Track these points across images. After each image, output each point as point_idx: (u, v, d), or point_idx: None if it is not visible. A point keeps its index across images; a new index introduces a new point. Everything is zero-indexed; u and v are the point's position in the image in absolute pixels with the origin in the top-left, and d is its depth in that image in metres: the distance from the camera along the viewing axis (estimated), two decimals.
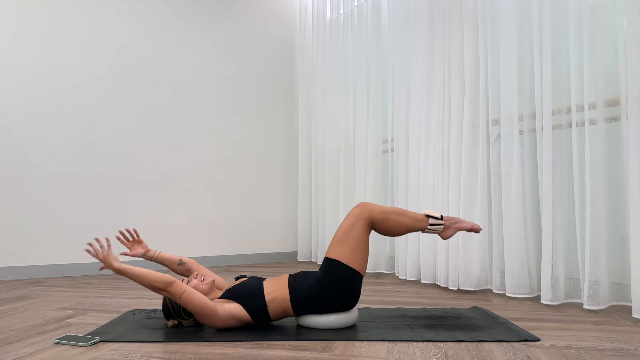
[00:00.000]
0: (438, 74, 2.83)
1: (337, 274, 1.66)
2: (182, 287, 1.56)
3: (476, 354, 1.40)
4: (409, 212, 1.76)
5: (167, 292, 1.54)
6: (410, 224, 1.75)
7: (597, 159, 2.07)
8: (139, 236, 1.87)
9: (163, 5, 3.67)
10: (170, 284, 1.53)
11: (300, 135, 4.25)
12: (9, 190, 2.99)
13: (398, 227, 1.74)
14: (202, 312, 1.57)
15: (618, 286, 2.12)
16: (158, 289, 1.53)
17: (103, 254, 1.57)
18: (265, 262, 4.08)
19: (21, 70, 3.06)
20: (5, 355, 1.37)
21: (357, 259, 1.67)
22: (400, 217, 1.74)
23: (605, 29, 2.15)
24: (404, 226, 1.74)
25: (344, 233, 1.69)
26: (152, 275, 1.53)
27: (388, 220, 1.73)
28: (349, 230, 1.69)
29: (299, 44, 4.43)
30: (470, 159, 2.61)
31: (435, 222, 1.77)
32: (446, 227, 1.81)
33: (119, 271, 1.55)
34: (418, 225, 1.76)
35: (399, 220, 1.74)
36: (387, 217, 1.73)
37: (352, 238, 1.68)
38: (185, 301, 1.55)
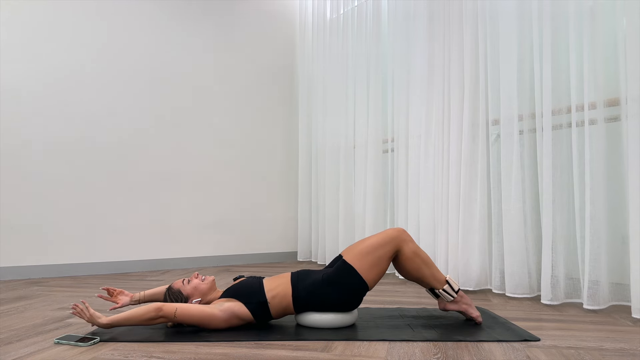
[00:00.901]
0: (438, 74, 2.83)
1: (348, 280, 1.66)
2: (173, 307, 1.56)
3: (476, 354, 1.40)
4: (434, 267, 1.76)
5: (162, 318, 1.55)
6: (427, 277, 1.74)
7: (597, 159, 2.07)
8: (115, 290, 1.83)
9: (163, 5, 3.66)
10: (160, 309, 1.54)
11: (300, 135, 4.25)
12: (9, 190, 2.99)
13: (415, 273, 1.74)
14: (201, 322, 1.59)
15: (618, 286, 2.12)
16: (151, 319, 1.54)
17: (87, 316, 1.54)
18: (265, 262, 4.08)
19: (21, 70, 3.06)
20: (5, 355, 1.37)
21: (372, 275, 1.68)
22: (424, 266, 1.74)
23: (605, 29, 2.15)
24: (422, 276, 1.74)
25: (371, 247, 1.69)
26: (140, 311, 1.54)
27: (413, 261, 1.73)
28: (377, 247, 1.69)
29: (299, 44, 4.43)
30: (470, 159, 2.61)
31: (449, 291, 1.77)
32: (455, 301, 1.80)
33: (109, 325, 1.54)
34: (433, 283, 1.75)
35: (421, 268, 1.73)
36: (414, 258, 1.73)
37: (377, 256, 1.68)
38: (181, 317, 1.57)
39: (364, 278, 1.66)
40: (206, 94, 3.85)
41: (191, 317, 1.57)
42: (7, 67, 3.02)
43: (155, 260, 3.48)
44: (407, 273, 1.76)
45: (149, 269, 3.45)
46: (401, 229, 1.75)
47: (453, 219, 2.64)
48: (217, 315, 1.60)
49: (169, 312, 1.55)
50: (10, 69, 3.03)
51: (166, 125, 3.63)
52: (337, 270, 1.68)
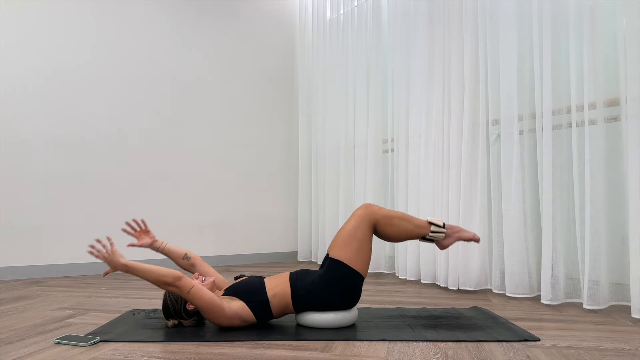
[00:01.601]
0: (438, 74, 2.83)
1: (340, 274, 1.66)
2: (191, 282, 1.56)
3: (476, 354, 1.40)
4: (412, 218, 1.77)
5: (175, 287, 1.54)
6: (412, 229, 1.75)
7: (597, 159, 2.07)
8: (147, 226, 1.83)
9: (163, 5, 3.66)
10: (180, 279, 1.53)
11: (300, 135, 4.25)
12: (9, 190, 2.99)
13: (399, 233, 1.75)
14: (209, 309, 1.57)
15: (618, 286, 2.12)
16: (166, 283, 1.53)
17: (107, 253, 1.55)
18: (265, 262, 4.08)
19: (21, 70, 3.06)
20: (5, 355, 1.37)
21: (360, 261, 1.68)
22: (403, 222, 1.75)
23: (605, 29, 2.15)
24: (406, 232, 1.75)
25: (348, 234, 1.70)
26: (161, 271, 1.53)
27: (391, 224, 1.73)
28: (353, 231, 1.70)
29: (299, 44, 4.43)
30: (470, 159, 2.61)
31: (437, 230, 1.77)
32: (447, 235, 1.81)
33: (126, 268, 1.53)
34: (419, 231, 1.76)
35: (401, 226, 1.74)
36: (391, 221, 1.73)
37: (356, 239, 1.69)
38: (194, 297, 1.55)
39: (355, 267, 1.66)
40: (206, 94, 3.85)
41: (202, 301, 1.55)
42: (7, 66, 3.02)
43: (155, 260, 3.48)
44: (393, 237, 1.76)
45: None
46: (366, 204, 1.75)
47: (453, 220, 2.64)
48: (225, 311, 1.60)
49: (185, 286, 1.54)
50: (10, 68, 3.03)
51: (166, 125, 3.63)
52: (328, 269, 1.68)
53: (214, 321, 1.62)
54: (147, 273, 1.53)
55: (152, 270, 1.53)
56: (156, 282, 1.54)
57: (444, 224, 1.80)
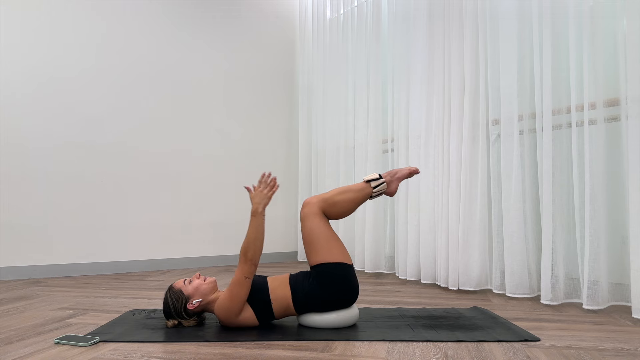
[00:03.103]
0: (438, 74, 2.83)
1: (328, 273, 1.68)
2: (253, 274, 1.60)
3: (476, 354, 1.40)
4: (350, 187, 1.81)
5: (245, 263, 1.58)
6: (356, 196, 1.79)
7: (597, 159, 2.07)
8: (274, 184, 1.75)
9: (163, 5, 3.66)
10: (254, 265, 1.59)
11: (300, 135, 4.25)
12: (9, 190, 2.99)
13: (347, 205, 1.78)
14: (236, 300, 1.60)
15: (618, 286, 2.12)
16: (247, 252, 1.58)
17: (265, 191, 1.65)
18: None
19: (21, 70, 3.06)
20: (5, 355, 1.37)
21: (335, 252, 1.70)
22: (345, 195, 1.78)
23: (605, 29, 2.15)
24: (352, 201, 1.78)
25: (309, 236, 1.72)
26: (260, 245, 1.59)
27: (335, 203, 1.77)
28: (312, 231, 1.72)
29: (299, 44, 4.43)
30: (470, 159, 2.61)
31: (378, 184, 1.82)
32: (388, 182, 1.86)
33: (256, 214, 1.61)
34: (364, 193, 1.80)
35: (345, 199, 1.78)
36: (333, 201, 1.77)
37: (319, 237, 1.71)
38: (243, 284, 1.58)
39: (335, 260, 1.68)
40: (206, 94, 3.85)
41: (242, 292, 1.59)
42: (9, 68, 3.02)
43: (155, 260, 3.48)
44: (345, 211, 1.79)
45: (149, 269, 3.45)
46: (304, 202, 1.79)
47: (453, 219, 2.64)
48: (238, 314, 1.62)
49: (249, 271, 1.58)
50: (12, 70, 3.03)
51: (166, 125, 3.63)
52: (316, 276, 1.69)
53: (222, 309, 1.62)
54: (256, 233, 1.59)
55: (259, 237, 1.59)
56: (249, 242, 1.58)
57: (380, 174, 1.84)
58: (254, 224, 1.60)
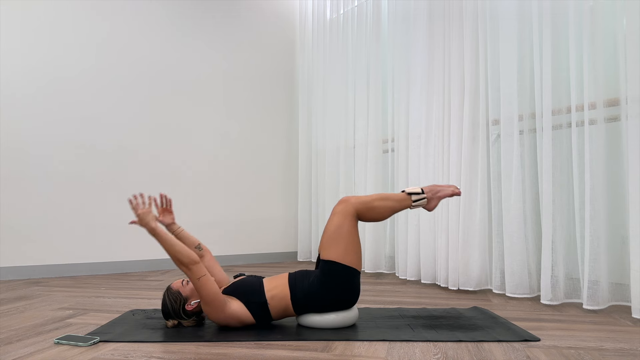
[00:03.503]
0: (438, 74, 2.83)
1: (335, 274, 1.66)
2: (204, 271, 1.57)
3: (476, 354, 1.40)
4: (391, 195, 1.79)
5: (188, 269, 1.55)
6: (395, 205, 1.77)
7: (597, 159, 2.07)
8: (171, 207, 1.85)
9: (163, 5, 3.66)
10: (195, 263, 1.55)
11: (300, 135, 4.25)
12: (9, 189, 2.99)
13: (384, 212, 1.76)
14: (211, 301, 1.58)
15: (618, 286, 2.12)
16: (181, 262, 1.54)
17: (143, 210, 1.58)
18: (265, 262, 4.08)
19: (21, 70, 3.06)
20: (5, 355, 1.37)
21: (351, 256, 1.68)
22: (384, 202, 1.76)
23: (605, 29, 2.15)
24: (390, 209, 1.77)
25: (334, 232, 1.70)
26: (183, 248, 1.55)
27: (373, 208, 1.75)
28: (338, 228, 1.70)
29: (299, 44, 4.43)
30: (470, 159, 2.61)
31: (418, 198, 1.79)
32: (429, 199, 1.83)
33: (154, 231, 1.56)
34: (403, 204, 1.78)
35: (384, 206, 1.76)
36: (371, 205, 1.75)
37: (343, 236, 1.69)
38: (202, 285, 1.56)
39: (348, 264, 1.67)
40: (206, 94, 3.85)
41: (207, 291, 1.56)
42: (9, 68, 3.02)
43: (155, 260, 3.48)
44: (380, 217, 1.77)
45: (149, 269, 3.45)
46: (343, 198, 1.76)
47: (453, 219, 2.64)
48: (225, 308, 1.60)
49: (197, 272, 1.55)
50: (12, 70, 3.03)
51: (166, 125, 3.63)
52: (323, 270, 1.68)
53: (211, 315, 1.61)
54: (168, 244, 1.55)
55: (175, 244, 1.55)
56: (173, 256, 1.55)
57: (422, 189, 1.82)
58: (159, 240, 1.56)
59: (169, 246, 1.55)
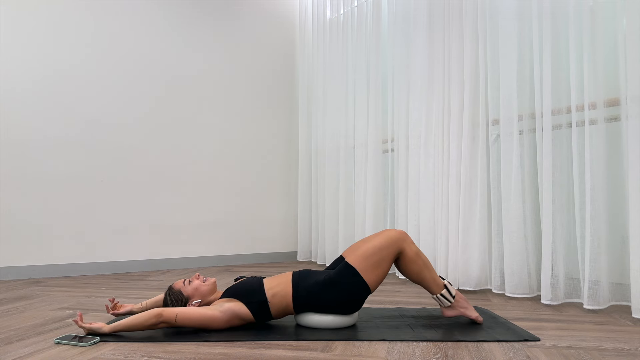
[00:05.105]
0: (438, 74, 2.83)
1: (350, 281, 1.65)
2: (173, 312, 1.57)
3: (476, 354, 1.40)
4: (433, 271, 1.77)
5: (164, 323, 1.56)
6: (427, 280, 1.75)
7: (597, 159, 2.07)
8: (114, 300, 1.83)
9: (163, 5, 3.66)
10: (161, 315, 1.55)
11: (300, 135, 4.25)
12: (9, 189, 2.99)
13: (416, 275, 1.74)
14: (202, 325, 1.60)
15: (618, 286, 2.12)
16: (154, 325, 1.55)
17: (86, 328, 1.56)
18: (265, 262, 4.08)
19: (21, 69, 3.06)
20: (5, 355, 1.37)
21: (374, 278, 1.67)
22: (424, 269, 1.75)
23: (605, 29, 2.15)
24: (421, 278, 1.75)
25: (373, 249, 1.68)
26: (141, 318, 1.54)
27: (414, 263, 1.73)
28: (380, 249, 1.68)
29: (299, 44, 4.43)
30: (470, 159, 2.61)
31: (446, 296, 1.77)
32: (452, 306, 1.80)
33: (112, 331, 1.55)
34: (432, 287, 1.76)
35: (421, 270, 1.74)
36: (416, 260, 1.73)
37: (379, 258, 1.68)
38: (182, 321, 1.57)
39: (366, 280, 1.66)
40: (206, 94, 3.85)
41: (192, 321, 1.58)
42: (7, 66, 3.02)
43: (155, 260, 3.48)
44: (409, 274, 1.76)
45: (149, 269, 3.45)
46: (402, 231, 1.75)
47: (453, 219, 2.64)
48: (218, 317, 1.60)
49: (170, 317, 1.56)
50: (10, 68, 3.03)
51: (166, 125, 3.63)
52: (339, 272, 1.67)
53: (214, 329, 1.63)
54: (131, 327, 1.54)
55: (134, 322, 1.54)
56: (144, 329, 1.55)
57: (455, 295, 1.79)
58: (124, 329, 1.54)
59: (133, 327, 1.54)
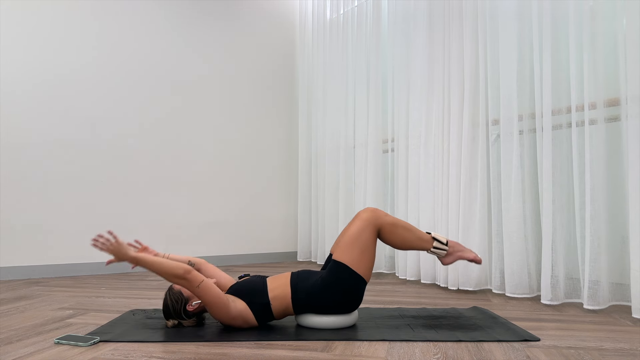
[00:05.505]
0: (438, 74, 2.83)
1: (343, 277, 1.65)
2: (200, 277, 1.56)
3: (476, 354, 1.40)
4: (416, 230, 1.77)
5: (185, 280, 1.54)
6: (415, 242, 1.76)
7: (597, 159, 2.07)
8: (142, 244, 1.84)
9: (164, 5, 3.66)
10: (190, 272, 1.54)
11: (300, 135, 4.25)
12: (9, 190, 2.99)
13: (403, 242, 1.75)
14: (215, 304, 1.57)
15: (618, 286, 2.12)
16: (176, 276, 1.52)
17: (113, 245, 1.54)
18: (265, 262, 4.08)
19: (21, 70, 3.06)
20: (5, 355, 1.37)
21: (364, 265, 1.67)
22: (408, 233, 1.75)
23: (605, 29, 2.15)
24: (409, 242, 1.75)
25: (353, 237, 1.69)
26: (171, 264, 1.53)
27: (395, 233, 1.74)
28: (358, 234, 1.69)
29: (299, 44, 4.43)
30: (470, 159, 2.61)
31: (439, 247, 1.77)
32: (449, 253, 1.81)
33: (135, 260, 1.53)
34: (422, 245, 1.77)
35: (405, 236, 1.75)
36: (395, 229, 1.73)
37: (361, 243, 1.68)
38: (202, 291, 1.55)
39: (358, 271, 1.66)
40: (206, 94, 3.85)
41: (209, 296, 1.55)
42: (7, 67, 3.02)
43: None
44: (395, 245, 1.76)
45: None
46: (372, 208, 1.75)
47: (453, 219, 2.64)
48: (230, 309, 1.60)
49: (195, 279, 1.54)
50: (10, 69, 3.03)
51: (166, 125, 3.63)
52: (330, 271, 1.68)
53: (216, 316, 1.61)
54: (156, 265, 1.52)
55: (163, 263, 1.53)
56: (166, 275, 1.53)
57: (447, 241, 1.80)
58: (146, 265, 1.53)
59: (157, 267, 1.52)
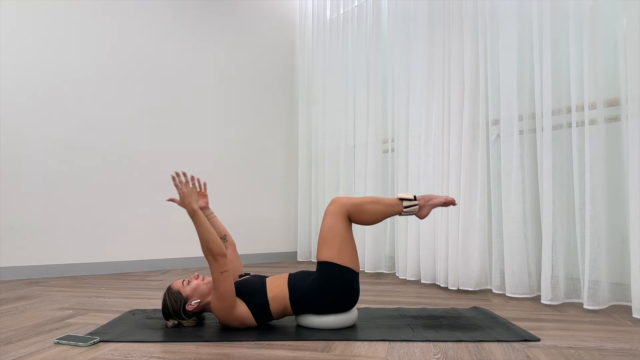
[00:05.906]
0: (438, 74, 2.83)
1: (331, 275, 1.66)
2: (228, 266, 1.58)
3: (476, 354, 1.40)
4: (382, 199, 1.78)
5: (215, 260, 1.55)
6: (385, 210, 1.77)
7: (597, 159, 2.07)
8: (206, 191, 1.83)
9: (164, 5, 3.66)
10: (223, 256, 1.56)
11: (300, 135, 4.25)
12: (9, 190, 2.99)
13: (375, 216, 1.76)
14: (225, 298, 1.58)
15: (618, 286, 2.12)
16: (211, 251, 1.55)
17: (188, 189, 1.58)
18: (265, 262, 4.08)
19: (20, 69, 3.06)
20: (5, 355, 1.37)
21: (346, 256, 1.68)
22: (375, 206, 1.76)
23: (605, 29, 2.15)
24: (381, 213, 1.76)
25: (327, 233, 1.71)
26: (217, 238, 1.56)
27: (363, 211, 1.75)
28: (331, 228, 1.71)
29: (299, 44, 4.43)
30: (470, 159, 2.61)
31: (410, 204, 1.79)
32: (421, 206, 1.82)
33: (194, 214, 1.56)
34: (394, 210, 1.78)
35: (374, 209, 1.76)
36: (362, 208, 1.75)
37: (337, 236, 1.69)
38: (222, 279, 1.56)
39: (344, 264, 1.67)
40: (206, 95, 3.85)
41: (225, 287, 1.56)
42: (9, 68, 3.02)
43: (155, 260, 3.48)
44: (371, 221, 1.77)
45: (149, 269, 3.45)
46: (334, 199, 1.77)
47: (453, 219, 2.64)
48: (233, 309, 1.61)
49: (222, 266, 1.56)
50: (12, 70, 3.03)
51: (166, 125, 3.63)
52: (320, 272, 1.68)
53: (217, 310, 1.61)
54: (205, 230, 1.55)
55: (210, 231, 1.55)
56: (205, 243, 1.55)
57: (415, 196, 1.81)
58: (197, 223, 1.57)
59: (205, 232, 1.55)
